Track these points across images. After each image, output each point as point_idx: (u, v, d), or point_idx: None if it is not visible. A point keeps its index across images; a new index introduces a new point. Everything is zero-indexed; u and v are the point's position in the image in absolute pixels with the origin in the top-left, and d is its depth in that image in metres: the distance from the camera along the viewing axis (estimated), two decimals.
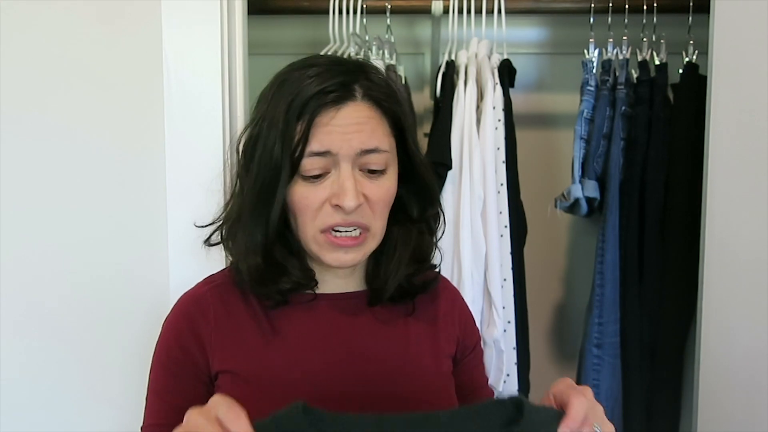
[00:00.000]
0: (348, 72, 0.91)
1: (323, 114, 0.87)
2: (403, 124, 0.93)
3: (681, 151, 1.75)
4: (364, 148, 0.88)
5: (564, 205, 1.81)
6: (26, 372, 1.49)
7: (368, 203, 0.90)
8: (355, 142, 0.88)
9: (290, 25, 2.05)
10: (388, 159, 0.91)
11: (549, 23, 2.07)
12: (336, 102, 0.88)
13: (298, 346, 0.95)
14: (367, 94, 0.90)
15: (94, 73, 1.46)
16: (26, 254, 1.48)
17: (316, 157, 0.88)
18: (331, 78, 0.89)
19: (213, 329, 0.94)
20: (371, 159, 0.89)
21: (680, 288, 1.72)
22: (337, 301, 0.99)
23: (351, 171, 0.88)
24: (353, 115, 0.89)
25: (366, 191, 0.89)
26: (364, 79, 0.91)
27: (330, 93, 0.88)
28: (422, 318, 1.02)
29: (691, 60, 1.78)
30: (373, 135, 0.89)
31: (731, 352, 1.52)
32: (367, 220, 0.91)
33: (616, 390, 1.80)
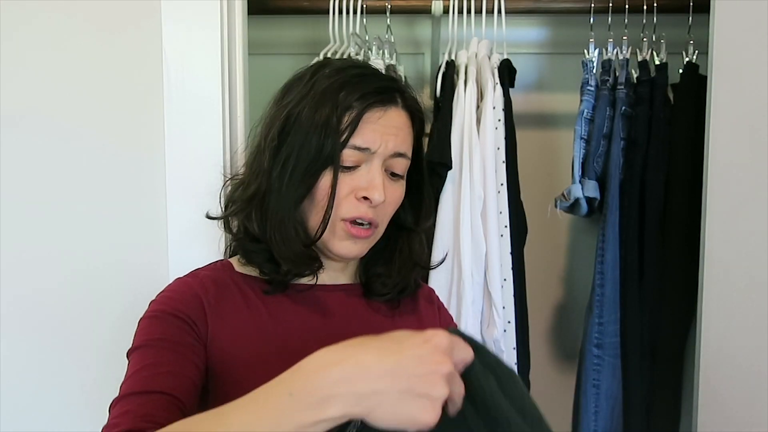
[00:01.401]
0: (390, 79, 0.99)
1: (372, 112, 0.94)
2: (421, 140, 1.03)
3: (681, 151, 1.75)
4: (398, 151, 0.96)
5: (564, 205, 1.81)
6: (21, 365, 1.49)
7: (385, 202, 0.96)
8: (392, 144, 0.95)
9: (290, 25, 2.05)
10: (407, 167, 0.99)
11: (549, 23, 2.07)
12: (383, 103, 0.95)
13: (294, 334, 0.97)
14: (406, 104, 0.98)
15: (94, 73, 1.46)
16: (27, 252, 1.48)
17: (356, 151, 0.94)
18: (378, 81, 0.97)
19: (213, 307, 0.95)
20: (398, 163, 0.97)
21: (680, 288, 1.72)
22: (332, 292, 1.03)
23: (381, 168, 0.95)
24: (396, 119, 0.96)
25: (387, 191, 0.96)
26: (404, 90, 0.99)
27: (380, 94, 0.95)
28: (407, 312, 1.08)
29: (691, 60, 1.78)
30: (405, 141, 0.97)
31: (731, 352, 1.52)
32: (381, 218, 0.98)
33: (616, 390, 1.80)
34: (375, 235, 0.99)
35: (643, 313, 1.78)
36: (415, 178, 1.03)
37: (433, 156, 1.70)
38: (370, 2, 1.81)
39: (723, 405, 1.53)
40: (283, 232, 0.95)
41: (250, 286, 0.99)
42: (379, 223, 0.98)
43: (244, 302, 0.98)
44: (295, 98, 0.97)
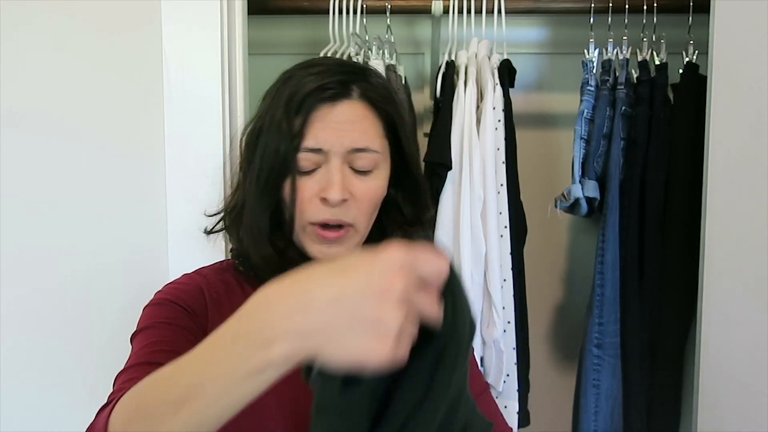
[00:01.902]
0: (348, 72, 0.93)
1: (319, 110, 0.90)
2: (397, 127, 0.95)
3: (681, 151, 1.75)
4: (355, 147, 0.91)
5: (564, 205, 1.81)
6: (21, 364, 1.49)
7: (354, 200, 0.92)
8: (347, 140, 0.90)
9: (290, 25, 2.04)
10: (378, 160, 0.93)
11: (549, 23, 2.07)
12: (332, 99, 0.91)
13: None
14: (364, 95, 0.92)
15: (95, 73, 1.46)
16: (26, 252, 1.48)
17: (310, 153, 0.90)
18: (331, 76, 0.92)
19: (214, 302, 0.95)
20: (360, 158, 0.91)
21: (680, 288, 1.72)
22: None
23: (340, 166, 0.91)
24: (348, 112, 0.91)
25: (353, 188, 0.92)
26: (363, 81, 0.93)
27: (328, 90, 0.90)
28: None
29: (691, 60, 1.78)
30: (365, 134, 0.92)
31: (731, 352, 1.52)
32: (352, 217, 0.93)
33: (616, 390, 1.80)
34: (353, 235, 0.94)
35: (643, 313, 1.78)
36: (403, 169, 0.98)
37: (433, 156, 1.70)
38: (370, 2, 1.81)
39: (723, 405, 1.53)
40: (256, 247, 0.95)
41: (251, 285, 0.99)
42: (354, 223, 0.93)
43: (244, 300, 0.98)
44: (262, 107, 0.96)
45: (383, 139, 0.94)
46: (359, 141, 0.91)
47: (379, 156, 0.93)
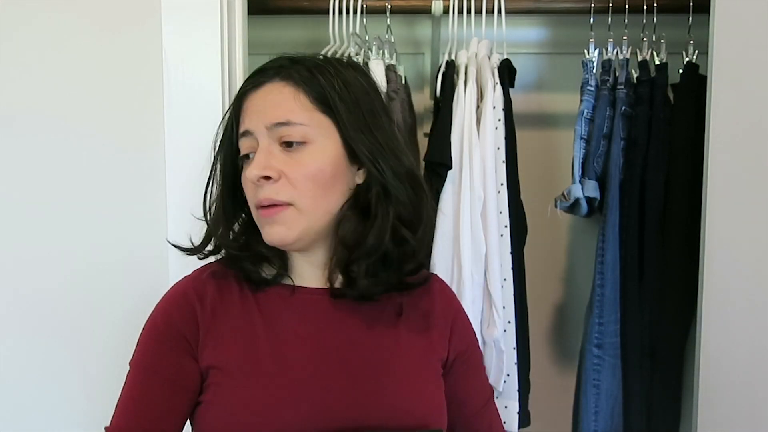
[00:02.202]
0: (281, 59, 0.97)
1: (247, 98, 0.95)
2: (329, 100, 0.93)
3: (681, 151, 1.75)
4: (274, 122, 0.92)
5: (564, 205, 1.81)
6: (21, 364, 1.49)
7: (287, 178, 0.91)
8: (266, 117, 0.92)
9: (290, 25, 2.04)
10: (308, 133, 0.92)
11: (549, 23, 2.07)
12: (256, 86, 0.95)
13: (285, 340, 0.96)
14: (285, 75, 0.94)
15: (95, 73, 1.46)
16: (26, 252, 1.48)
17: (244, 138, 0.94)
18: (260, 70, 0.97)
19: (209, 317, 0.96)
20: (285, 132, 0.92)
21: (680, 288, 1.72)
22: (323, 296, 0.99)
23: (267, 145, 0.92)
24: (268, 93, 0.94)
25: (283, 166, 0.91)
26: (288, 66, 0.95)
27: (255, 76, 0.96)
28: (413, 319, 1.02)
29: (691, 60, 1.78)
30: (284, 108, 0.92)
31: (731, 352, 1.52)
32: (287, 196, 0.91)
33: (616, 390, 1.80)
34: (295, 215, 0.92)
35: (643, 313, 1.78)
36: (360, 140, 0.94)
37: (433, 156, 1.70)
38: (370, 2, 1.81)
39: (723, 405, 1.53)
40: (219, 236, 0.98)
41: (246, 283, 0.99)
42: (292, 201, 0.92)
43: (240, 302, 0.98)
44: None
45: (314, 112, 0.93)
46: (277, 115, 0.92)
47: (307, 129, 0.92)
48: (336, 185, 0.94)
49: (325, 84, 0.93)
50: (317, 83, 0.93)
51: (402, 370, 0.98)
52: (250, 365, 0.93)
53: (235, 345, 0.95)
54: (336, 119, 0.93)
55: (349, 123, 0.93)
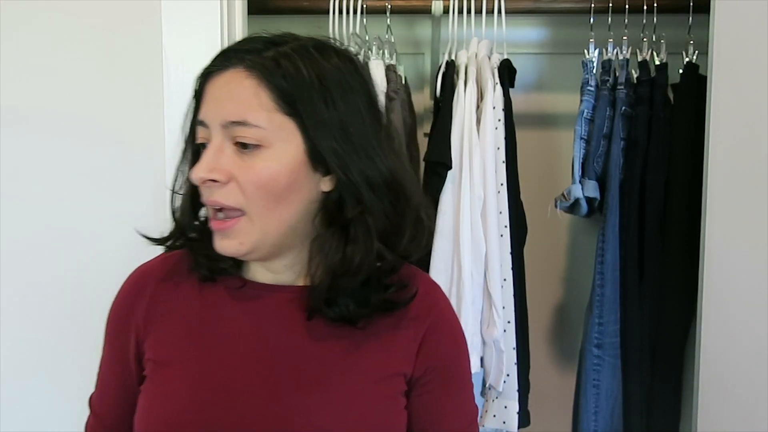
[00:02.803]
0: (255, 40, 0.85)
1: (208, 83, 0.84)
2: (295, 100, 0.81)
3: (681, 151, 1.74)
4: (228, 119, 0.81)
5: (564, 205, 1.81)
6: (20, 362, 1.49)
7: (238, 183, 0.81)
8: (222, 112, 0.82)
9: (290, 25, 2.01)
10: (265, 136, 0.81)
11: (549, 23, 2.07)
12: (217, 69, 0.84)
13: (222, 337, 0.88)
14: (251, 62, 0.82)
15: (95, 73, 1.46)
16: (26, 251, 1.48)
17: (200, 126, 0.84)
18: (225, 51, 0.86)
19: (147, 306, 0.92)
20: (239, 132, 0.81)
21: (680, 288, 1.72)
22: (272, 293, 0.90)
23: (219, 143, 0.82)
24: (229, 82, 0.82)
25: (234, 168, 0.81)
26: (256, 52, 0.83)
27: (215, 61, 0.85)
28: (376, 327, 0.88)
29: (691, 60, 1.78)
30: (242, 104, 0.81)
31: (731, 352, 1.52)
32: (236, 201, 0.82)
33: (616, 390, 1.80)
34: (247, 225, 0.83)
35: (643, 313, 1.78)
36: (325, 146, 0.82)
37: (433, 156, 1.70)
38: (370, 2, 1.81)
39: (723, 405, 1.53)
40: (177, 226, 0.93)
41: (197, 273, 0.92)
42: (244, 209, 0.82)
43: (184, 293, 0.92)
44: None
45: (276, 113, 0.81)
46: (236, 113, 0.81)
47: (264, 132, 0.81)
48: (292, 195, 0.83)
49: (293, 78, 0.81)
50: (284, 78, 0.81)
51: (347, 387, 0.86)
52: (180, 361, 0.88)
53: (169, 338, 0.90)
54: (301, 121, 0.82)
55: (316, 124, 0.82)
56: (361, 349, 0.88)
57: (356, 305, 0.85)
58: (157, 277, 0.94)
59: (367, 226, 0.84)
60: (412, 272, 0.92)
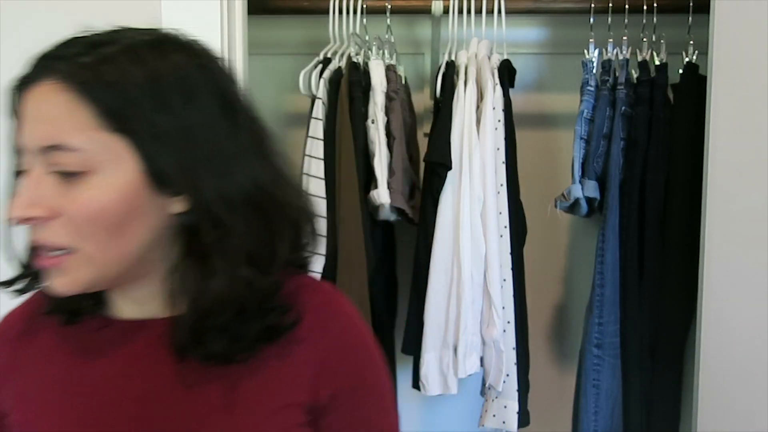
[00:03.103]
0: (64, 46, 0.72)
1: (21, 101, 0.71)
2: (122, 112, 0.68)
3: (681, 151, 1.75)
4: (45, 144, 0.68)
5: (564, 205, 1.81)
6: None
7: (65, 217, 0.69)
8: (35, 136, 0.69)
9: (290, 25, 2.04)
10: (88, 159, 0.68)
11: (549, 23, 2.07)
12: (26, 84, 0.70)
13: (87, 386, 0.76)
14: (63, 72, 0.69)
15: None
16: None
17: (18, 154, 0.72)
18: (35, 58, 0.72)
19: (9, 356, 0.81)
20: (58, 159, 0.68)
21: (680, 288, 1.72)
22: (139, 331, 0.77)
23: (37, 173, 0.69)
24: (41, 98, 0.69)
25: (57, 201, 0.68)
26: (77, 55, 0.69)
27: (26, 73, 0.71)
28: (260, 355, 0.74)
29: (691, 60, 1.78)
30: (56, 125, 0.68)
31: (731, 352, 1.52)
32: (66, 239, 0.69)
33: (616, 390, 1.80)
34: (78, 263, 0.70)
35: (643, 313, 1.78)
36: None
37: (433, 156, 1.70)
38: (370, 2, 1.81)
39: (723, 405, 1.53)
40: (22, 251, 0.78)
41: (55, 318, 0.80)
42: (73, 247, 0.69)
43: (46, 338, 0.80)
44: None
45: (96, 132, 0.68)
46: (47, 136, 0.68)
47: (88, 155, 0.68)
48: (132, 224, 0.70)
49: (117, 87, 0.68)
50: (105, 88, 0.68)
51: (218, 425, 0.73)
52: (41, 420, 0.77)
53: (28, 394, 0.78)
54: (132, 137, 0.69)
55: (152, 138, 0.69)
56: (242, 385, 0.74)
57: (230, 341, 0.72)
58: (17, 325, 0.82)
59: (229, 252, 0.71)
60: (297, 287, 0.78)
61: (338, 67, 1.78)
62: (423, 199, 1.76)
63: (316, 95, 1.75)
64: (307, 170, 1.72)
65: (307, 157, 1.72)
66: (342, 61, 1.79)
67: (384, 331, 1.86)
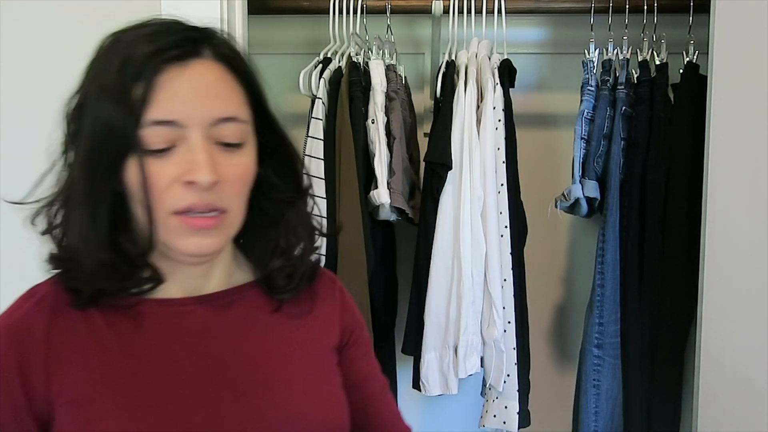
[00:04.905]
0: (192, 29, 0.79)
1: (165, 72, 0.74)
2: (260, 93, 0.82)
3: (681, 151, 1.75)
4: (221, 116, 0.76)
5: (564, 205, 1.81)
6: None
7: (226, 182, 0.77)
8: (208, 109, 0.75)
9: (290, 25, 2.04)
10: (246, 132, 0.79)
11: (549, 23, 2.07)
12: (180, 59, 0.75)
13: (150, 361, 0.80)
14: (217, 54, 0.78)
15: None
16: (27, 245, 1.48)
17: (160, 127, 0.74)
18: (173, 35, 0.77)
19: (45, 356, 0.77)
20: (227, 130, 0.76)
21: (680, 288, 1.72)
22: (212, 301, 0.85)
23: (203, 142, 0.75)
24: (206, 75, 0.76)
25: (222, 168, 0.76)
26: (212, 38, 0.79)
27: (173, 49, 0.75)
28: (293, 311, 0.89)
29: (692, 60, 1.78)
30: (229, 101, 0.77)
31: (731, 352, 1.52)
32: (226, 201, 0.77)
33: (616, 390, 1.80)
34: (228, 222, 0.79)
35: (643, 313, 1.78)
36: (270, 138, 0.83)
37: (434, 156, 1.70)
38: (370, 2, 1.81)
39: (723, 405, 1.53)
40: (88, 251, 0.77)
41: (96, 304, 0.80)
42: (228, 208, 0.77)
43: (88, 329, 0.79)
44: (85, 77, 0.81)
45: (247, 107, 0.80)
46: (224, 109, 0.76)
47: (246, 127, 0.79)
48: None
49: (255, 77, 0.82)
50: (251, 75, 0.81)
51: (292, 373, 0.85)
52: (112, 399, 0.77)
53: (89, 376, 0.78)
54: (264, 118, 0.82)
55: (264, 120, 0.83)
56: (292, 336, 0.88)
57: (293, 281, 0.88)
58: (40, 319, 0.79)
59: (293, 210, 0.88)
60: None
61: (338, 67, 1.78)
62: (423, 199, 1.76)
63: (316, 95, 1.75)
64: (306, 170, 1.72)
65: (307, 157, 1.72)
66: (342, 61, 1.79)
67: (384, 331, 1.86)
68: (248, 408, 0.81)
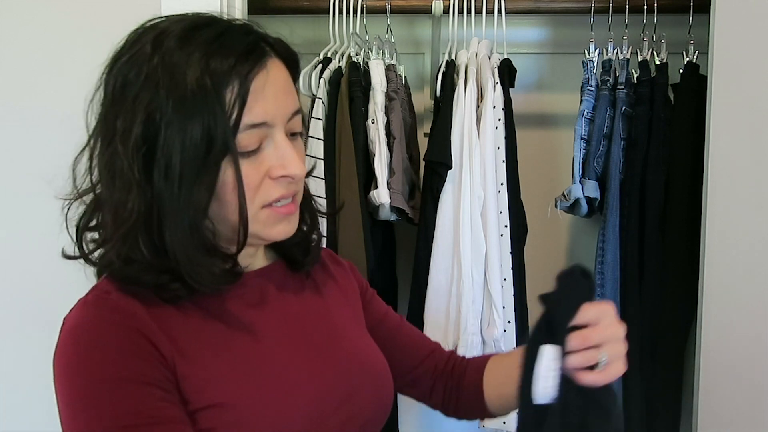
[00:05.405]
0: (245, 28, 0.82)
1: (257, 78, 0.77)
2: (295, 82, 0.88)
3: (681, 151, 1.74)
4: (294, 110, 0.83)
5: (564, 205, 1.81)
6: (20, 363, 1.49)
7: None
8: (286, 106, 0.81)
9: (290, 25, 2.02)
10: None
11: (549, 23, 2.07)
12: (261, 63, 0.78)
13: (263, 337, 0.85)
14: (278, 52, 0.83)
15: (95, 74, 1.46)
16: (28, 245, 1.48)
17: (254, 129, 0.78)
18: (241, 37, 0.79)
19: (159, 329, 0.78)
20: (296, 122, 0.83)
21: (680, 288, 1.72)
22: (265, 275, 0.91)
23: (287, 138, 0.82)
24: (280, 75, 0.82)
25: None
26: (263, 33, 0.84)
27: (251, 53, 0.78)
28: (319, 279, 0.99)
29: (692, 60, 1.78)
30: (295, 95, 0.84)
31: (731, 352, 1.52)
32: (299, 185, 0.86)
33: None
34: (299, 202, 0.88)
35: (643, 313, 1.78)
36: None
37: (434, 156, 1.70)
38: (370, 2, 1.81)
39: (723, 405, 1.53)
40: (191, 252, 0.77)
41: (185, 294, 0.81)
42: (299, 189, 0.86)
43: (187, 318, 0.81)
44: (146, 88, 0.77)
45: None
46: (295, 103, 0.83)
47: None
48: None
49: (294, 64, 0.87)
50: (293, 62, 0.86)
51: (348, 329, 0.97)
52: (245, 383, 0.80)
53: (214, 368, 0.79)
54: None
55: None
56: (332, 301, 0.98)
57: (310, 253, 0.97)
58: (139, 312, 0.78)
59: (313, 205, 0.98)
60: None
61: (338, 67, 1.78)
62: (423, 199, 1.76)
63: (316, 95, 1.75)
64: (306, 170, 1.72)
65: (307, 156, 1.72)
66: (342, 61, 1.79)
67: None
68: (333, 362, 0.89)
